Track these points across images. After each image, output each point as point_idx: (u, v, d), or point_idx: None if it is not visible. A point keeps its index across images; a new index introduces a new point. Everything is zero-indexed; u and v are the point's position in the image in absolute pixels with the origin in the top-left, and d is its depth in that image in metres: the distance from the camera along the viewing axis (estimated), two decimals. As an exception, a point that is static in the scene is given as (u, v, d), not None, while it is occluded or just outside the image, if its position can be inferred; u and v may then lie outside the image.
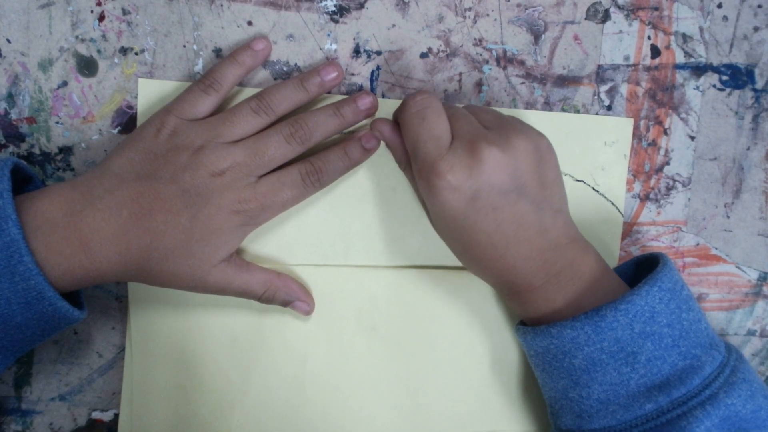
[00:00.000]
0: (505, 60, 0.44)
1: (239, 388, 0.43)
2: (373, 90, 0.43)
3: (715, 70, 0.45)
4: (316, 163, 0.40)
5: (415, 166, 0.38)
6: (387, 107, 0.43)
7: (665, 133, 0.45)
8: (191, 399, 0.43)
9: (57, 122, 0.42)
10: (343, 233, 0.43)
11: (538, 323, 0.38)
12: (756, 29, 0.45)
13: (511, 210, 0.36)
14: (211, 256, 0.38)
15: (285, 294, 0.41)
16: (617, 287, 0.37)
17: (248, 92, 0.42)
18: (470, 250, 0.38)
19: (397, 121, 0.41)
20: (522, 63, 0.44)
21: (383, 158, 0.43)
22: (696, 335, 0.36)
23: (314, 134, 0.39)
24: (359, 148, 0.41)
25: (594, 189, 0.45)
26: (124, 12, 0.42)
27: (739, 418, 0.34)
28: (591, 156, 0.44)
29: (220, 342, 0.43)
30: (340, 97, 0.42)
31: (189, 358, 0.43)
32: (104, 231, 0.35)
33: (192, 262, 0.37)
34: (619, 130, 0.44)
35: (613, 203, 0.45)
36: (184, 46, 0.42)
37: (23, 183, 0.38)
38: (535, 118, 0.44)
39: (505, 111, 0.43)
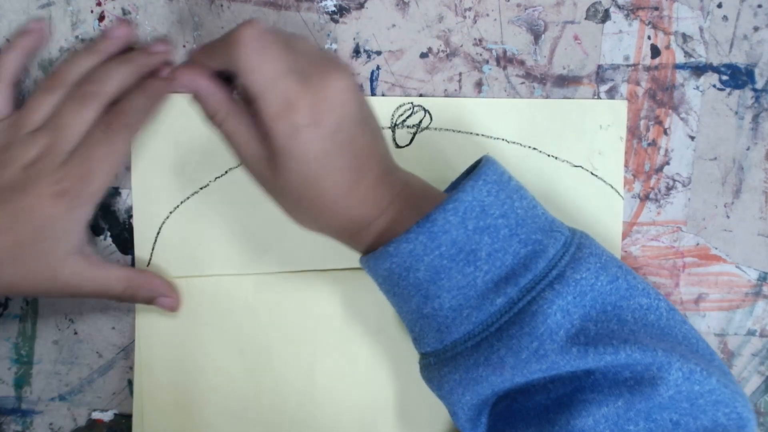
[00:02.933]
0: (505, 60, 0.44)
1: (250, 396, 0.43)
2: (373, 90, 0.43)
3: (715, 70, 0.45)
4: (114, 109, 0.38)
5: (267, 111, 0.33)
6: (387, 105, 0.43)
7: (665, 133, 0.45)
8: (201, 409, 0.43)
9: (57, 122, 0.42)
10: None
11: None
12: (756, 29, 0.45)
13: (363, 139, 0.35)
14: (52, 251, 0.37)
15: (147, 290, 0.40)
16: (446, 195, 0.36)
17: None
18: (324, 194, 0.34)
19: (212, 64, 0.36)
20: (522, 63, 0.44)
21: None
22: (534, 221, 0.35)
23: (104, 85, 0.38)
24: (154, 78, 0.40)
25: (592, 174, 0.45)
26: (124, 12, 0.42)
27: (597, 292, 0.33)
28: (587, 141, 0.44)
29: (228, 351, 0.43)
30: None
31: (197, 370, 0.43)
32: None
33: (32, 263, 0.36)
34: (613, 112, 0.44)
35: (612, 186, 0.45)
36: (184, 46, 0.42)
37: None
38: (528, 105, 0.44)
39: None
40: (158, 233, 0.42)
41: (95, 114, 0.38)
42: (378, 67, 0.43)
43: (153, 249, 0.42)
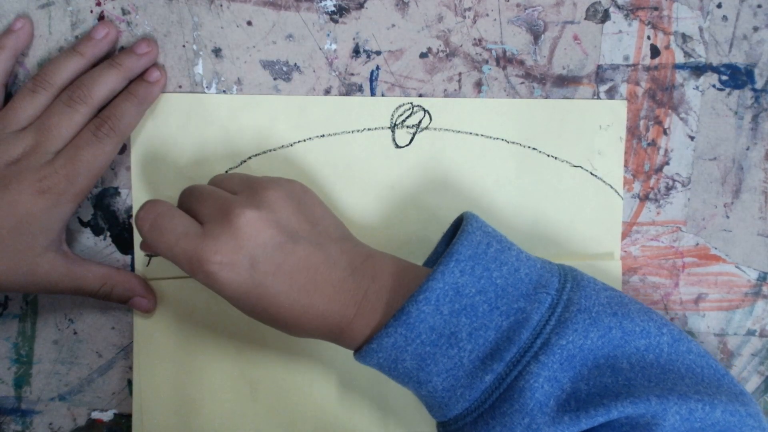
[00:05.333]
0: (504, 60, 0.44)
1: (249, 396, 0.43)
2: (372, 90, 0.43)
3: (715, 70, 0.45)
4: (103, 114, 0.39)
5: (186, 270, 0.35)
6: (387, 105, 0.43)
7: (665, 133, 0.45)
8: (201, 409, 0.43)
9: (57, 122, 0.42)
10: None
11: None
12: (756, 29, 0.45)
13: (294, 259, 0.35)
14: (31, 246, 0.38)
15: (124, 289, 0.41)
16: (422, 277, 0.35)
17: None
18: (281, 316, 0.35)
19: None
20: (522, 63, 0.44)
21: (383, 159, 0.43)
22: (515, 287, 0.34)
23: (93, 90, 0.39)
24: (142, 83, 0.40)
25: (592, 174, 0.45)
26: (124, 12, 0.42)
27: (588, 350, 0.33)
28: (587, 141, 0.44)
29: (227, 351, 0.43)
30: None
31: (196, 370, 0.43)
32: None
33: (11, 257, 0.37)
34: (613, 113, 0.44)
35: (611, 186, 0.45)
36: (184, 46, 0.42)
37: None
38: (527, 105, 0.44)
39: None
40: (158, 233, 0.42)
41: (84, 118, 0.39)
42: (378, 67, 0.43)
43: (153, 249, 0.42)
